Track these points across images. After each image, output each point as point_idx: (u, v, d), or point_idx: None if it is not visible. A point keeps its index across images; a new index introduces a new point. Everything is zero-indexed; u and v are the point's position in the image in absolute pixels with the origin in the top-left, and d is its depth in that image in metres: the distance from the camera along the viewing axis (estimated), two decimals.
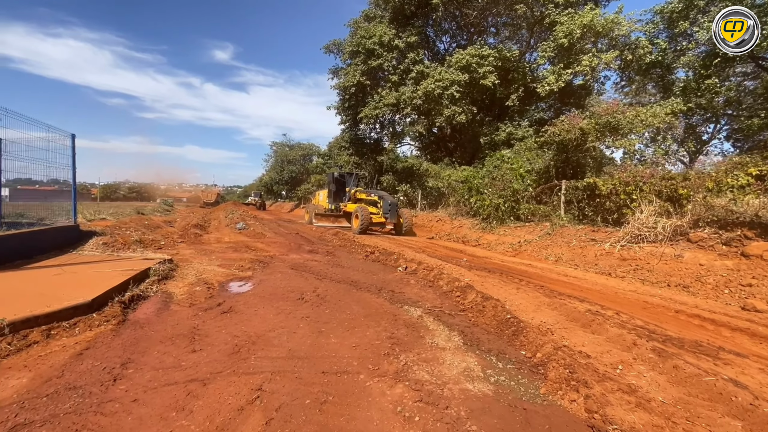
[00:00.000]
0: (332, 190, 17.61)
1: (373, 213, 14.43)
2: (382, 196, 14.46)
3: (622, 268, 7.79)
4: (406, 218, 14.41)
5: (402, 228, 14.36)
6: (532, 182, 12.04)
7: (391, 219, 13.88)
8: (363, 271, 7.22)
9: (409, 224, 14.49)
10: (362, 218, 13.75)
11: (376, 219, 14.30)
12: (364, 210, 14.00)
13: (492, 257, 9.89)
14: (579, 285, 6.49)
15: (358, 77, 17.61)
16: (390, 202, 13.85)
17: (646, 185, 8.33)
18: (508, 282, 6.01)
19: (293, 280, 6.46)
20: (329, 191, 17.90)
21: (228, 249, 10.70)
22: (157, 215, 25.33)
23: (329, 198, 17.95)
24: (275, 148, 45.80)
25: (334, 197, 17.65)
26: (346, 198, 16.87)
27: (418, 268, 6.88)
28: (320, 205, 18.81)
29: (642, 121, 9.63)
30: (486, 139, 17.99)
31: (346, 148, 22.26)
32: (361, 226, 13.75)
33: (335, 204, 17.48)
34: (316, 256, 9.34)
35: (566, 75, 14.12)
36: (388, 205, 13.88)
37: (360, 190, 16.34)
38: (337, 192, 17.62)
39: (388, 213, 13.79)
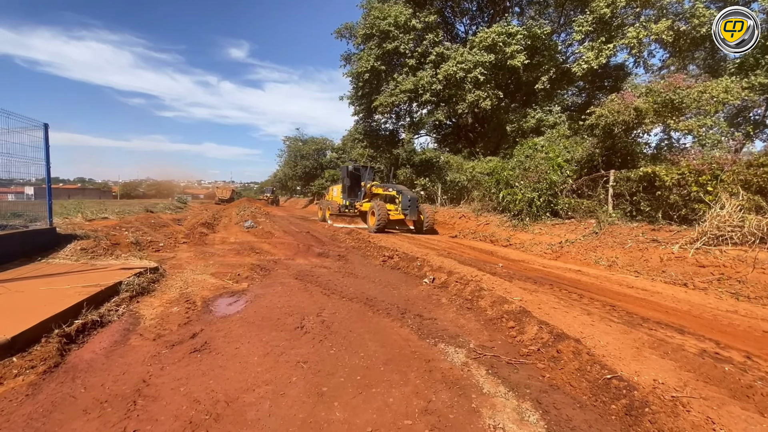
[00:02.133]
0: (346, 185, 16.37)
1: (390, 210, 13.16)
2: (401, 191, 13.12)
3: (700, 277, 6.29)
4: (428, 215, 13.06)
5: (423, 226, 13.04)
6: (571, 173, 10.50)
7: (410, 216, 12.64)
8: (380, 282, 5.95)
9: (431, 221, 13.15)
10: (379, 216, 12.46)
11: (394, 216, 13.00)
12: (380, 207, 12.71)
13: (530, 261, 8.48)
14: (657, 302, 5.07)
15: (372, 62, 16.23)
16: (410, 198, 12.53)
17: (726, 174, 6.75)
18: (569, 301, 4.64)
19: (295, 295, 5.24)
20: (343, 186, 16.66)
21: (230, 251, 9.62)
22: (167, 213, 24.71)
23: (343, 194, 16.70)
24: (288, 143, 44.82)
25: (349, 192, 16.42)
26: (361, 194, 15.62)
27: (449, 279, 5.55)
28: (334, 201, 17.60)
29: (713, 98, 8.00)
30: (513, 127, 16.37)
31: (360, 141, 20.99)
32: (378, 224, 12.50)
33: (350, 200, 16.24)
34: (326, 261, 8.13)
35: (608, 50, 12.41)
36: (407, 200, 12.56)
37: (376, 185, 15.05)
38: (351, 187, 16.39)
39: (407, 209, 12.51)
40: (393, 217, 12.96)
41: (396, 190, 13.44)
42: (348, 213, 16.04)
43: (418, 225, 13.36)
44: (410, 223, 13.92)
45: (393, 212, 13.01)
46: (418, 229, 13.37)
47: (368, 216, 13.49)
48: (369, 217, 13.39)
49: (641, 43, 11.60)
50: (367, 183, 15.46)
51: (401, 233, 13.38)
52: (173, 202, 37.04)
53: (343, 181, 16.74)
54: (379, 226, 12.50)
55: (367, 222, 13.60)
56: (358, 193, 15.98)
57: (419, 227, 13.33)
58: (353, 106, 20.71)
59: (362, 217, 15.72)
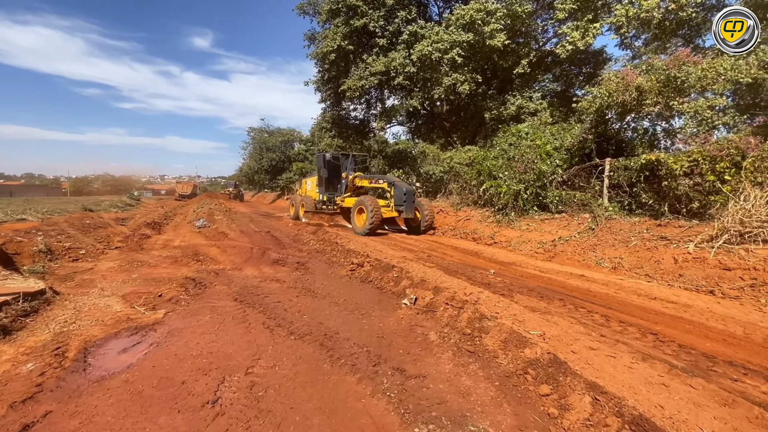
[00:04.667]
0: (323, 177, 13.77)
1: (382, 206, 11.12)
2: (393, 183, 11.00)
3: (728, 283, 5.31)
4: (428, 211, 11.04)
5: (421, 225, 11.10)
6: (561, 162, 9.45)
7: (406, 213, 10.59)
8: (346, 304, 4.53)
9: (431, 219, 11.15)
10: (372, 213, 10.24)
11: (387, 213, 10.86)
12: (373, 202, 10.51)
13: (523, 263, 7.34)
14: (698, 322, 4.02)
15: (339, 41, 14.58)
16: (405, 191, 10.46)
17: (750, 161, 5.80)
18: (597, 330, 3.42)
19: (225, 331, 3.75)
20: (319, 178, 14.07)
21: (167, 259, 7.94)
22: (112, 211, 22.17)
23: (320, 187, 14.09)
24: (253, 135, 42.16)
25: (327, 186, 13.87)
26: (342, 187, 13.34)
27: (436, 299, 4.22)
28: (308, 196, 15.03)
29: (720, 76, 7.10)
30: (492, 115, 15.28)
31: (327, 130, 19.28)
32: (371, 224, 10.26)
33: (328, 194, 13.78)
34: (281, 271, 6.62)
35: (595, 29, 11.44)
36: (402, 194, 10.48)
37: (360, 176, 12.89)
38: (329, 179, 13.82)
39: (402, 205, 10.49)
40: (386, 214, 10.82)
41: (387, 182, 11.25)
42: (327, 210, 13.87)
43: (412, 224, 11.41)
44: (401, 221, 11.90)
45: (384, 209, 10.85)
46: (414, 228, 11.45)
47: (353, 214, 11.32)
48: (355, 215, 11.26)
49: (630, 22, 10.68)
50: (349, 174, 13.08)
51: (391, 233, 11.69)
52: (127, 198, 33.91)
53: (319, 172, 14.09)
54: (372, 227, 10.27)
55: (353, 221, 11.39)
56: (338, 186, 13.57)
57: (415, 227, 11.38)
58: (320, 93, 18.98)
59: (344, 214, 13.61)
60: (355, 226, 11.09)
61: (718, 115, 7.20)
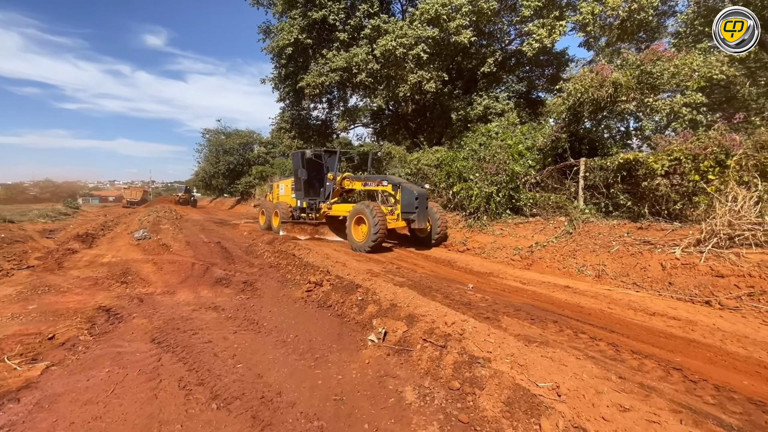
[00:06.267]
0: (302, 179, 11.28)
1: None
2: (400, 185, 8.64)
3: (723, 292, 4.88)
4: (440, 220, 8.94)
5: (433, 236, 9.02)
6: (534, 163, 8.97)
7: (419, 223, 8.37)
8: (296, 344, 3.56)
9: (444, 229, 9.13)
10: (375, 225, 8.12)
11: (392, 224, 8.74)
12: (376, 210, 8.36)
13: (500, 273, 6.69)
14: (714, 345, 3.45)
15: (296, 34, 13.48)
16: (417, 194, 8.27)
17: (735, 159, 5.45)
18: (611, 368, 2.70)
19: (120, 399, 2.68)
20: (297, 180, 11.66)
21: (85, 282, 6.60)
22: (40, 222, 19.70)
23: (297, 192, 11.66)
24: (209, 137, 39.61)
25: (306, 189, 11.45)
26: (325, 191, 11.11)
27: (410, 333, 3.36)
28: (283, 202, 12.44)
29: (695, 72, 6.86)
30: (458, 115, 14.80)
31: (286, 130, 18.02)
32: (374, 239, 8.16)
33: (309, 200, 11.38)
34: (223, 294, 5.51)
35: (561, 27, 11.18)
36: (413, 198, 8.27)
37: (351, 177, 10.77)
38: (310, 181, 11.42)
39: (413, 212, 8.29)
40: (391, 224, 8.71)
41: (391, 184, 8.89)
42: (310, 220, 11.40)
43: (419, 234, 9.26)
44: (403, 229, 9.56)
45: (388, 217, 8.76)
46: (422, 240, 9.29)
47: (350, 225, 9.03)
48: (352, 226, 8.99)
49: (596, 20, 10.49)
50: (336, 175, 10.82)
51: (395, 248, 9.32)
52: (59, 207, 30.56)
53: (296, 174, 11.56)
54: (376, 241, 8.19)
55: (349, 234, 9.06)
56: (320, 191, 11.34)
57: (423, 238, 9.25)
58: (278, 91, 17.72)
59: (331, 225, 11.33)
60: (353, 241, 8.89)
61: (692, 112, 6.91)
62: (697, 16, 12.14)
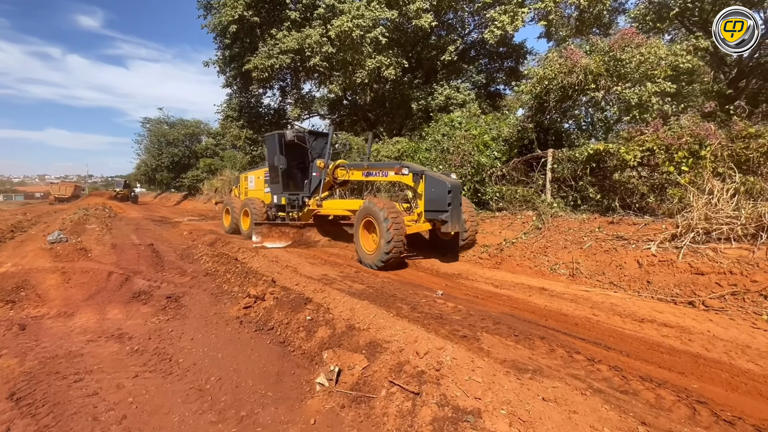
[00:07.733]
0: (281, 169, 8.76)
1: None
2: (422, 174, 6.45)
3: (705, 291, 4.56)
4: (470, 219, 6.82)
5: (461, 238, 6.91)
6: (500, 154, 8.50)
7: (453, 225, 6.16)
8: (216, 396, 2.62)
9: (474, 230, 7.07)
10: (388, 231, 5.90)
11: (413, 227, 6.58)
12: (390, 210, 6.12)
13: (469, 274, 6.10)
14: (720, 361, 2.94)
15: (241, 10, 12.06)
16: (450, 186, 6.05)
17: (709, 149, 5.18)
18: (634, 413, 2.08)
19: None
20: (273, 170, 9.21)
21: None
22: None
23: (274, 185, 9.28)
24: (149, 127, 36.10)
25: (286, 182, 9.04)
26: (312, 183, 8.81)
27: (373, 370, 2.56)
28: (255, 198, 9.89)
29: (662, 60, 6.64)
30: (419, 105, 14.16)
31: (234, 119, 16.39)
32: (387, 250, 5.93)
33: (289, 195, 8.96)
34: (136, 315, 4.38)
35: (523, 14, 10.81)
36: (445, 192, 6.05)
37: (347, 165, 8.33)
38: (290, 172, 9.01)
39: (445, 211, 6.07)
40: (411, 229, 6.49)
41: (412, 172, 6.60)
42: (292, 221, 8.93)
43: (442, 236, 7.04)
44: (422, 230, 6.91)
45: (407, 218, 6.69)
46: (447, 243, 7.21)
47: (358, 231, 6.73)
48: (360, 233, 6.68)
49: (557, 6, 10.20)
50: (327, 162, 8.36)
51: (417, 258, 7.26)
52: None
53: (271, 162, 9.13)
54: (392, 253, 5.96)
55: (357, 242, 6.77)
56: (305, 183, 9.00)
57: (448, 240, 7.13)
58: (223, 75, 16.08)
59: (320, 227, 9.05)
60: (361, 253, 6.65)
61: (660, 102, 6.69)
62: (649, 11, 12.31)
